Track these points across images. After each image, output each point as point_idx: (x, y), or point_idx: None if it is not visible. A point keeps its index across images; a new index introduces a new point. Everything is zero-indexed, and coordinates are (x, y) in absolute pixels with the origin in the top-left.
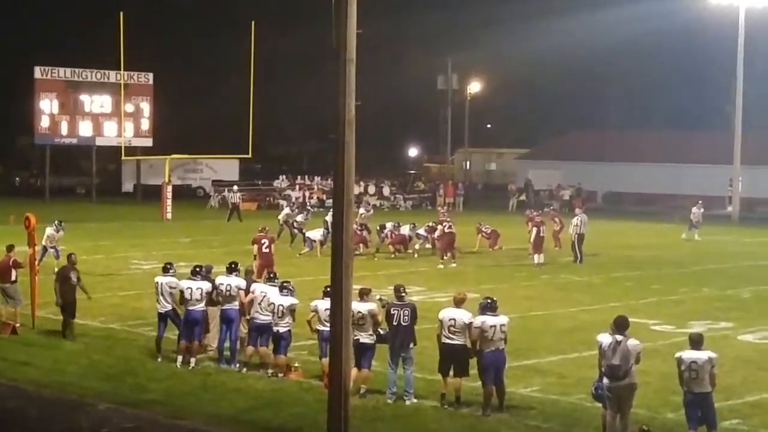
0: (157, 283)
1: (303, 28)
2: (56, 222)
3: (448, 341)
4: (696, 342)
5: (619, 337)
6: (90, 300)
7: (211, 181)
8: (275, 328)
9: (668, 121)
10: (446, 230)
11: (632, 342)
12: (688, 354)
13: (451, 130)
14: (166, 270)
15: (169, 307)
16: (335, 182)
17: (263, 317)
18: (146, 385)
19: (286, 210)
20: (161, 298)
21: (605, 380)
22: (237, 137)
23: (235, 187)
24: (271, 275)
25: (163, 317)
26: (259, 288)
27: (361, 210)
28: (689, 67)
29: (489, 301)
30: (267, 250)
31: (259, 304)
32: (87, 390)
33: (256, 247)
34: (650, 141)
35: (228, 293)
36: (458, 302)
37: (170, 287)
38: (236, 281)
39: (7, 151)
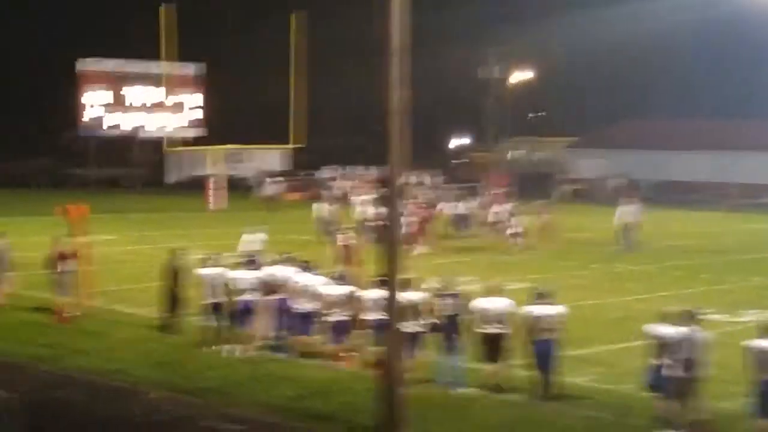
0: (203, 274)
1: (350, 18)
2: None
3: (483, 331)
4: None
5: (687, 329)
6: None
7: (257, 171)
8: (330, 317)
9: (718, 109)
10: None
11: (702, 334)
12: (760, 343)
13: (497, 121)
14: (209, 261)
15: (218, 297)
16: (385, 173)
17: (308, 305)
18: (198, 373)
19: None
20: (208, 289)
21: (670, 371)
22: (283, 128)
23: (270, 179)
24: (306, 263)
25: (212, 308)
26: (303, 276)
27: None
28: (739, 54)
29: (542, 290)
30: (345, 243)
31: (304, 292)
32: (139, 378)
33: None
34: (699, 129)
35: (280, 282)
36: (493, 292)
37: (218, 278)
38: (288, 271)
39: (54, 144)
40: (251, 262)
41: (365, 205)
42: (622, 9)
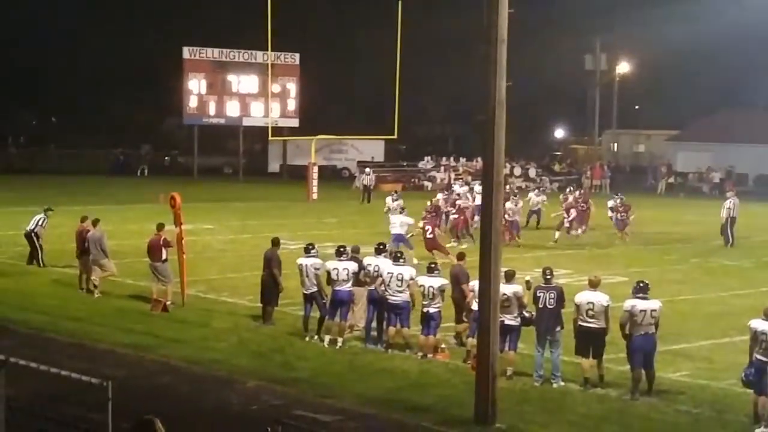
0: (301, 264)
1: (450, 9)
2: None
3: (585, 324)
4: None
5: None
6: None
7: (357, 161)
8: (425, 309)
9: None
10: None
11: None
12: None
13: (598, 112)
14: (307, 251)
15: (314, 288)
16: (485, 163)
17: (396, 297)
18: (294, 363)
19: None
20: (306, 279)
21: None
22: (382, 118)
23: (368, 169)
24: (390, 253)
25: (308, 298)
26: (385, 266)
27: (509, 204)
28: None
29: (641, 284)
30: (431, 236)
31: (388, 284)
32: (236, 367)
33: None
34: None
35: (375, 274)
36: (594, 285)
37: (315, 268)
38: (383, 262)
39: (157, 132)
40: (345, 253)
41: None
42: None
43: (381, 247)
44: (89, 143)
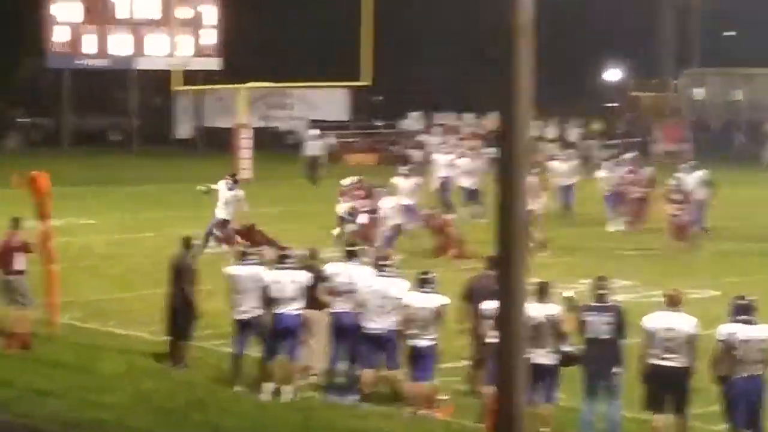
0: (234, 275)
1: None
2: None
3: (660, 362)
4: None
5: None
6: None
7: (308, 121)
8: (413, 342)
9: None
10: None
11: None
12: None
13: (673, 43)
14: (245, 256)
15: (254, 311)
16: (501, 122)
17: (377, 324)
18: (220, 425)
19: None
20: (241, 297)
21: None
22: (346, 55)
23: (312, 132)
24: (382, 260)
25: (244, 326)
26: (362, 277)
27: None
28: None
29: (743, 301)
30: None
31: (364, 304)
32: None
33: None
34: None
35: (343, 288)
36: (674, 303)
37: (254, 281)
38: (356, 270)
39: (8, 81)
40: (290, 257)
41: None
42: None
43: (353, 249)
44: None
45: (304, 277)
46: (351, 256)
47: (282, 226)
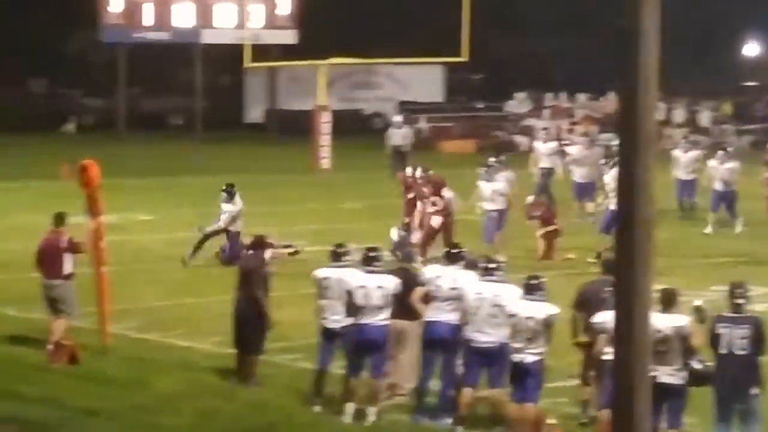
0: (323, 278)
1: None
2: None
3: None
4: None
5: None
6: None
7: (396, 103)
8: (518, 357)
9: None
10: None
11: None
12: None
13: None
14: (337, 257)
15: (346, 320)
16: (621, 103)
17: (489, 337)
18: None
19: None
20: (329, 303)
21: None
22: (442, 28)
23: (397, 118)
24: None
25: (330, 336)
26: (468, 283)
27: None
28: None
29: None
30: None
31: (474, 315)
32: None
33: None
34: None
35: (447, 295)
36: None
37: (344, 286)
38: (455, 275)
39: (58, 56)
40: (378, 260)
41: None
42: None
43: (455, 252)
44: None
45: (392, 283)
46: (454, 259)
47: (365, 224)
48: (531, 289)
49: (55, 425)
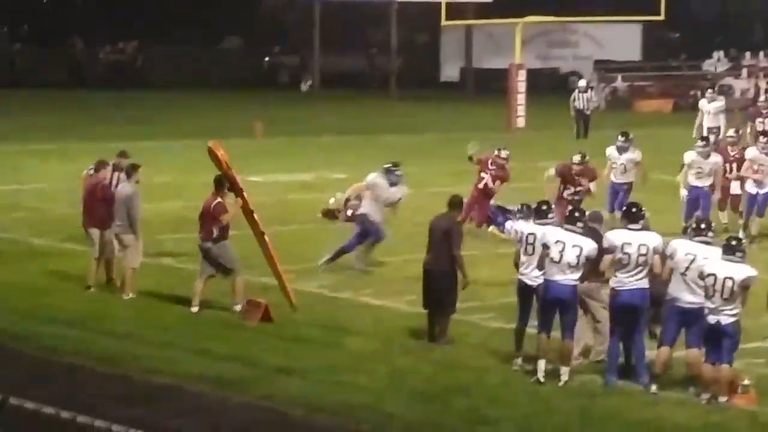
0: (528, 234)
1: None
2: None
3: None
4: None
5: None
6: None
7: (593, 62)
8: (713, 317)
9: None
10: None
11: None
12: None
13: None
14: (541, 214)
15: (541, 277)
16: None
17: (692, 297)
18: (486, 413)
19: None
20: (531, 259)
21: None
22: None
23: (581, 82)
24: (702, 226)
25: (528, 294)
26: (685, 247)
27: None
28: None
29: None
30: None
31: (684, 273)
32: (387, 418)
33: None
34: None
35: (634, 258)
36: None
37: (545, 243)
38: (648, 238)
39: (249, 16)
40: (580, 219)
41: None
42: None
43: (635, 211)
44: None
45: (589, 245)
46: (633, 218)
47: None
48: (731, 250)
49: (247, 383)
